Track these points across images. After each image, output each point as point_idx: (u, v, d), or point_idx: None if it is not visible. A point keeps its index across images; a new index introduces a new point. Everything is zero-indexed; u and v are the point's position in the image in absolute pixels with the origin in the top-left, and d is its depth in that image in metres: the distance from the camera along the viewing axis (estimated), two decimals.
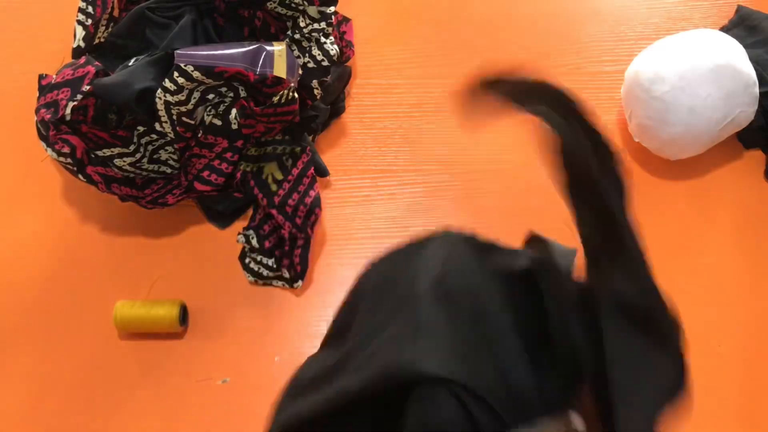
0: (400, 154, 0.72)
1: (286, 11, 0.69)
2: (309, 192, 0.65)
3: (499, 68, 0.41)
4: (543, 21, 0.78)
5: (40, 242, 0.70)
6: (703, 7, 0.78)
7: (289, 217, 0.65)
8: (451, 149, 0.72)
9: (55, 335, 0.66)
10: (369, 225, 0.69)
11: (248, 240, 0.67)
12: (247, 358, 0.64)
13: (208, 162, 0.65)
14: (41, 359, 0.65)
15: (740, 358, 0.62)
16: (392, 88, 0.76)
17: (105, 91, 0.61)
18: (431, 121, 0.74)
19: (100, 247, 0.69)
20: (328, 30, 0.69)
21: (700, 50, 0.62)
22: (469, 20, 0.79)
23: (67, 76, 0.63)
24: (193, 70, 0.60)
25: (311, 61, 0.69)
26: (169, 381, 0.61)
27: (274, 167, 0.67)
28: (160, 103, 0.61)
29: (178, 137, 0.64)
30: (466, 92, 0.44)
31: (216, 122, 0.64)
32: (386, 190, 0.71)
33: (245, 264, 0.67)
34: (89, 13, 0.73)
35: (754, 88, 0.63)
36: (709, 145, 0.65)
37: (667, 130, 0.63)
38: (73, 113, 0.61)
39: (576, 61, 0.76)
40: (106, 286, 0.68)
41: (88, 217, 0.71)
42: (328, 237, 0.69)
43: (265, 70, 0.62)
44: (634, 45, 0.76)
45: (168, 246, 0.69)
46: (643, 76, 0.64)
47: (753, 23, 0.73)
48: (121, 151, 0.64)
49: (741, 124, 0.64)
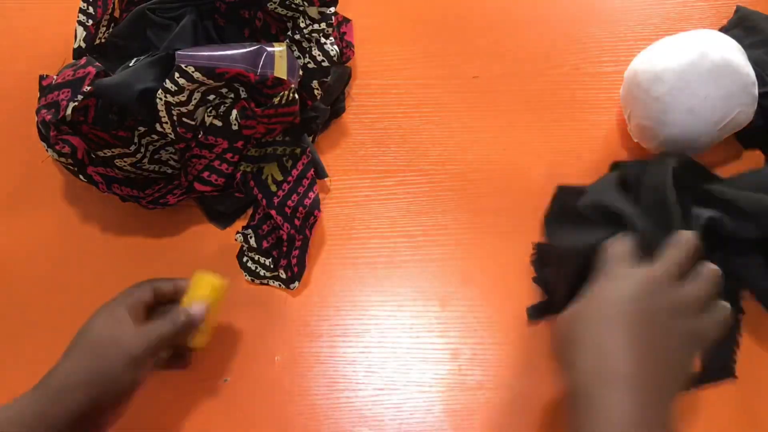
0: (400, 154, 0.73)
1: (287, 12, 0.69)
2: (308, 194, 0.65)
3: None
4: (542, 21, 0.79)
5: (40, 242, 0.70)
6: (702, 8, 0.78)
7: (288, 218, 0.65)
8: (450, 149, 0.73)
9: (55, 335, 0.66)
10: (369, 225, 0.69)
11: (246, 239, 0.67)
12: (247, 357, 0.64)
13: (209, 163, 0.65)
14: (41, 359, 0.65)
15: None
16: (392, 88, 0.76)
17: (106, 91, 0.61)
18: (431, 121, 0.74)
19: (100, 247, 0.69)
20: (329, 31, 0.69)
21: (699, 51, 0.62)
22: (469, 20, 0.79)
23: (68, 77, 0.63)
24: (194, 70, 0.60)
25: (311, 62, 0.69)
26: (169, 380, 0.61)
27: (274, 168, 0.67)
28: (160, 103, 0.61)
29: (179, 138, 0.64)
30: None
31: (216, 123, 0.64)
32: (386, 190, 0.71)
33: (243, 263, 0.67)
34: (90, 13, 0.73)
35: (753, 88, 0.63)
36: (709, 145, 0.65)
37: (666, 130, 0.63)
38: (73, 114, 0.61)
39: (575, 62, 0.76)
40: (106, 286, 0.68)
41: (88, 217, 0.71)
42: (328, 237, 0.69)
43: (265, 71, 0.62)
44: (633, 45, 0.76)
45: (168, 246, 0.69)
46: (642, 76, 0.64)
47: (752, 24, 0.73)
48: (121, 151, 0.64)
49: (740, 124, 0.64)
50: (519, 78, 0.76)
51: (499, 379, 0.62)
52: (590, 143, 0.72)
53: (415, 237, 0.69)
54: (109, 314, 0.53)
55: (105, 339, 0.52)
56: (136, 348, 0.51)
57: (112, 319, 0.53)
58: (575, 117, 0.73)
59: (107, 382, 0.50)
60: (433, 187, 0.71)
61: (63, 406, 0.49)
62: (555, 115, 0.74)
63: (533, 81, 0.76)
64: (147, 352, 0.52)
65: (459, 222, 0.69)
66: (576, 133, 0.73)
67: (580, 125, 0.73)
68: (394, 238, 0.69)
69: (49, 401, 0.49)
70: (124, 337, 0.52)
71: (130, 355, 0.51)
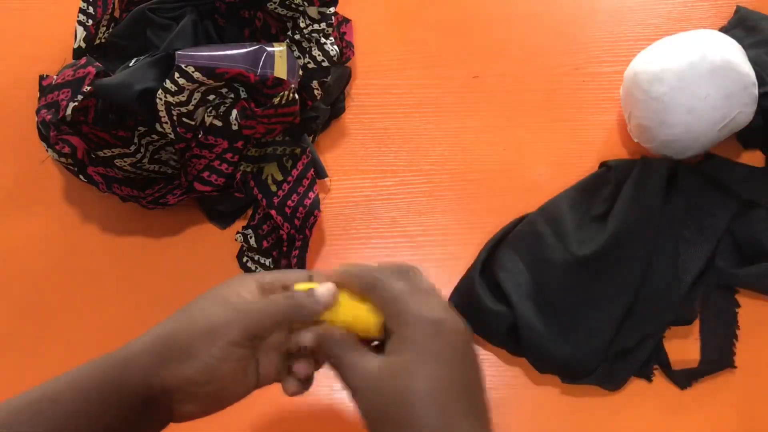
0: (400, 154, 0.73)
1: (287, 12, 0.69)
2: (308, 194, 0.65)
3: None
4: (542, 21, 0.79)
5: (41, 242, 0.70)
6: (702, 8, 0.78)
7: (288, 218, 0.65)
8: (450, 149, 0.73)
9: (56, 335, 0.66)
10: (369, 225, 0.69)
11: (246, 239, 0.67)
12: None
13: (208, 163, 0.65)
14: (41, 359, 0.65)
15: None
16: (392, 88, 0.76)
17: (106, 91, 0.61)
18: (431, 121, 0.74)
19: (100, 247, 0.69)
20: (329, 31, 0.69)
21: (699, 51, 0.62)
22: (469, 20, 0.79)
23: (68, 77, 0.63)
24: (194, 71, 0.60)
25: (311, 62, 0.69)
26: None
27: (274, 168, 0.67)
28: (160, 103, 0.61)
29: (179, 138, 0.64)
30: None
31: (216, 123, 0.64)
32: (386, 190, 0.71)
33: (243, 263, 0.67)
34: (90, 13, 0.73)
35: (753, 88, 0.63)
36: (708, 145, 0.65)
37: (666, 130, 0.63)
38: (74, 114, 0.61)
39: (575, 62, 0.76)
40: (106, 286, 0.68)
41: (88, 217, 0.71)
42: (328, 237, 0.69)
43: (265, 71, 0.62)
44: (633, 45, 0.76)
45: (168, 246, 0.69)
46: (642, 76, 0.64)
47: (752, 24, 0.73)
48: (121, 151, 0.64)
49: (740, 124, 0.64)
50: (519, 78, 0.76)
51: (499, 378, 0.62)
52: (590, 143, 0.72)
53: (415, 237, 0.69)
54: (228, 281, 0.42)
55: (202, 298, 0.42)
56: (231, 313, 0.39)
57: (228, 283, 0.42)
58: (575, 117, 0.73)
59: (181, 347, 0.39)
60: (433, 187, 0.71)
61: (125, 370, 0.39)
62: (555, 115, 0.74)
63: (533, 81, 0.76)
64: (240, 326, 0.39)
65: (459, 222, 0.69)
66: (576, 133, 0.73)
67: (580, 125, 0.73)
68: (394, 238, 0.69)
69: (112, 365, 0.39)
70: (228, 299, 0.41)
71: (214, 321, 0.39)
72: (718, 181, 0.65)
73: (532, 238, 0.64)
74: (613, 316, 0.60)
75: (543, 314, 0.60)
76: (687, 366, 0.61)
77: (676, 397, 0.60)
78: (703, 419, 0.60)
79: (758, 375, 0.61)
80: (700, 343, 0.62)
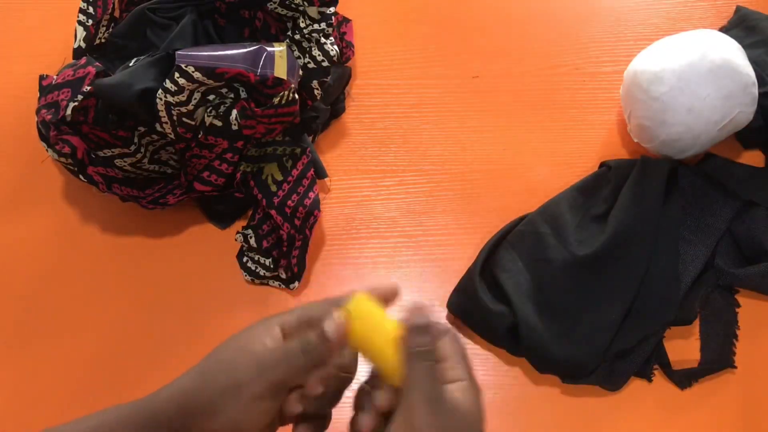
0: (400, 154, 0.73)
1: (287, 12, 0.69)
2: (308, 194, 0.65)
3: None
4: (542, 21, 0.79)
5: (41, 242, 0.70)
6: (702, 8, 0.78)
7: (288, 217, 0.65)
8: (450, 149, 0.73)
9: (56, 335, 0.66)
10: (369, 225, 0.69)
11: (246, 239, 0.67)
12: None
13: (208, 162, 0.65)
14: (41, 360, 0.65)
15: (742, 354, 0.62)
16: (392, 88, 0.76)
17: (106, 91, 0.61)
18: (431, 121, 0.74)
19: (100, 247, 0.69)
20: (329, 31, 0.69)
21: (699, 51, 0.62)
22: (469, 20, 0.79)
23: (68, 77, 0.63)
24: (194, 70, 0.60)
25: (311, 62, 0.69)
26: (166, 379, 0.61)
27: (274, 168, 0.67)
28: (160, 103, 0.61)
29: (179, 138, 0.64)
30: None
31: (216, 123, 0.64)
32: (386, 190, 0.71)
33: (242, 263, 0.67)
34: (90, 13, 0.73)
35: (753, 88, 0.63)
36: (708, 145, 0.65)
37: (666, 130, 0.63)
38: (73, 114, 0.61)
39: (575, 61, 0.76)
40: (106, 286, 0.68)
41: (88, 217, 0.71)
42: (328, 237, 0.69)
43: (265, 71, 0.62)
44: (633, 45, 0.76)
45: (168, 246, 0.69)
46: (642, 76, 0.64)
47: (752, 24, 0.73)
48: (121, 151, 0.64)
49: (740, 124, 0.64)
50: (519, 78, 0.76)
51: (499, 378, 0.62)
52: (590, 143, 0.72)
53: (415, 237, 0.69)
54: (252, 327, 0.42)
55: (226, 347, 0.42)
56: (255, 368, 0.39)
57: (251, 329, 0.42)
58: (575, 117, 0.73)
59: (206, 402, 0.39)
60: (433, 187, 0.71)
61: (154, 421, 0.40)
62: (555, 115, 0.74)
63: (533, 81, 0.76)
64: (263, 380, 0.39)
65: (459, 222, 0.69)
66: (576, 133, 0.73)
67: (580, 125, 0.73)
68: (394, 238, 0.69)
69: (143, 416, 0.40)
70: (249, 350, 0.40)
71: (238, 378, 0.39)
72: (718, 181, 0.65)
73: (532, 238, 0.64)
74: (613, 316, 0.60)
75: (543, 314, 0.60)
76: (687, 366, 0.61)
77: (676, 397, 0.60)
78: (703, 419, 0.60)
79: (758, 375, 0.61)
80: (700, 343, 0.62)
